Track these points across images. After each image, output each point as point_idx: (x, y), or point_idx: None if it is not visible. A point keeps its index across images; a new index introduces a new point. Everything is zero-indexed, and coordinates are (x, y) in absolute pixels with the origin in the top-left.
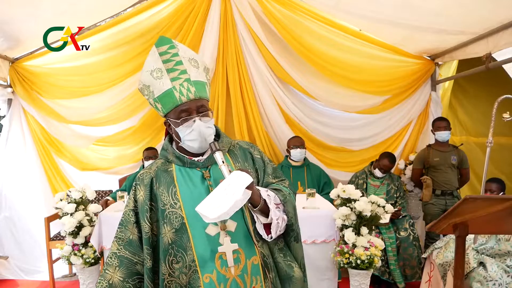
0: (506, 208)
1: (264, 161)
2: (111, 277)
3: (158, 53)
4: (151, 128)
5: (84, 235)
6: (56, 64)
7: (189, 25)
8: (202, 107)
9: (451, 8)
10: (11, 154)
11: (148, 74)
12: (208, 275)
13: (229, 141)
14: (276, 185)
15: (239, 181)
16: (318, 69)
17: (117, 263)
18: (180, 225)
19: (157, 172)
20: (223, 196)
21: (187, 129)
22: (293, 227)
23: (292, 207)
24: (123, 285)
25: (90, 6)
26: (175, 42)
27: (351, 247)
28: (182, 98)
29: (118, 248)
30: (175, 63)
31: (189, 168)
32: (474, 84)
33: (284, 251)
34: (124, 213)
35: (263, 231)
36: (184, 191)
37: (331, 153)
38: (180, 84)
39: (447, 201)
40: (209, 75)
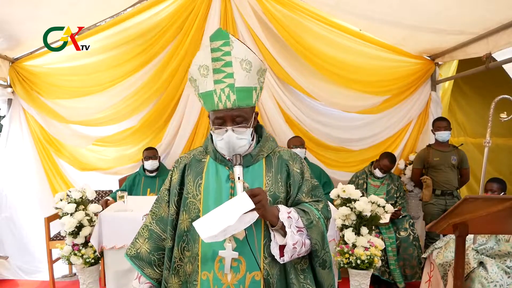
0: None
1: (303, 177)
2: (140, 246)
3: (210, 48)
4: (151, 129)
5: (84, 235)
6: (56, 64)
7: (189, 25)
8: (239, 117)
9: (451, 8)
10: (11, 154)
11: (196, 68)
12: (206, 273)
13: (272, 147)
14: (307, 206)
15: (239, 205)
16: (318, 69)
17: (147, 235)
18: (196, 217)
19: (191, 160)
20: (221, 217)
21: (218, 136)
22: (318, 254)
23: (319, 233)
24: (149, 256)
25: (90, 6)
26: (232, 38)
27: (351, 247)
28: (219, 105)
29: (150, 221)
30: (224, 63)
31: (220, 164)
32: (472, 84)
33: (306, 273)
34: (161, 191)
35: (277, 251)
36: (208, 185)
37: (331, 153)
38: (221, 89)
39: (447, 201)
40: (263, 77)
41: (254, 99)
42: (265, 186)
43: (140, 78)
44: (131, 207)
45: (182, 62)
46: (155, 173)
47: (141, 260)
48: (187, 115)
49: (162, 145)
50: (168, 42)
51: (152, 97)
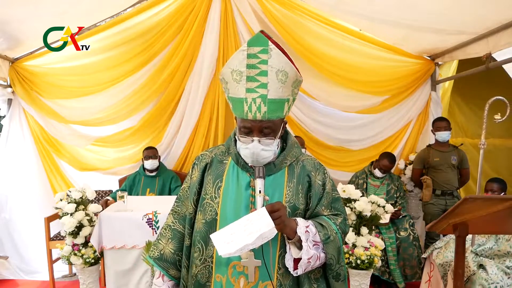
0: (506, 208)
1: (324, 189)
2: (163, 247)
3: (247, 54)
4: (151, 129)
5: (84, 235)
6: (56, 64)
7: (189, 25)
8: (267, 128)
9: (451, 8)
10: (11, 154)
11: (229, 71)
12: (220, 276)
13: (296, 155)
14: (325, 219)
15: (259, 223)
16: (318, 69)
17: (170, 235)
18: (211, 220)
19: (213, 160)
20: (239, 233)
21: (243, 144)
22: (332, 267)
23: (335, 248)
24: (173, 256)
25: (90, 6)
26: (271, 46)
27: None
28: (248, 115)
29: (173, 221)
30: (259, 72)
31: (241, 169)
32: (471, 85)
33: (319, 282)
34: (182, 189)
35: (292, 263)
36: (228, 190)
37: (331, 152)
38: (253, 98)
39: (447, 201)
40: (298, 89)
41: (285, 111)
42: (285, 196)
43: (140, 78)
44: (131, 207)
45: (182, 62)
46: (155, 172)
47: (166, 261)
48: (188, 116)
49: (162, 145)
50: (168, 42)
51: (152, 97)
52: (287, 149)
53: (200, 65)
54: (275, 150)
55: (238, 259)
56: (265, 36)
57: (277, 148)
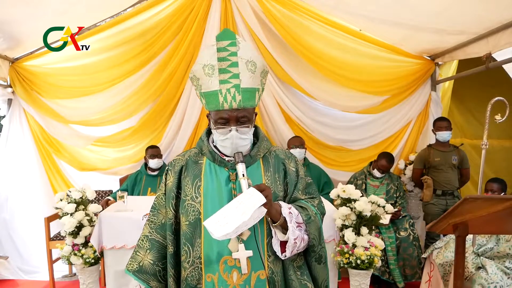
0: (506, 208)
1: (298, 175)
2: (141, 259)
3: (216, 48)
4: (150, 129)
5: (84, 235)
6: (56, 64)
7: (189, 25)
8: (243, 117)
9: (451, 8)
10: (11, 154)
11: (200, 67)
12: (211, 275)
13: (267, 147)
14: (304, 202)
15: (251, 201)
16: (318, 69)
17: (148, 246)
18: (195, 220)
19: (188, 162)
20: (232, 214)
21: (221, 136)
22: (315, 249)
23: (316, 228)
24: (153, 267)
25: (90, 6)
26: (238, 39)
27: (351, 247)
28: (224, 105)
29: (150, 231)
30: (230, 63)
31: (218, 165)
32: (470, 85)
33: (302, 269)
34: (156, 197)
35: (279, 248)
36: (208, 187)
37: (330, 152)
38: (227, 89)
39: (448, 201)
40: (265, 79)
41: (257, 100)
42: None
43: (140, 78)
44: (131, 207)
45: (182, 62)
46: (157, 171)
47: (145, 273)
48: (188, 116)
49: (162, 145)
50: (168, 42)
51: (152, 97)
52: (259, 142)
53: None
54: (251, 139)
55: (229, 253)
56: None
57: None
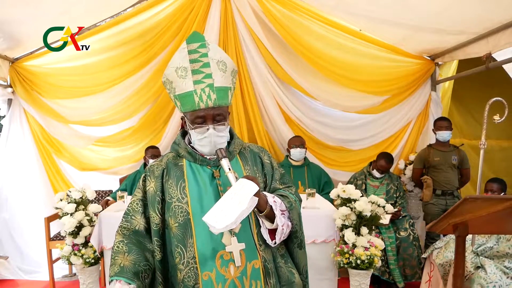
0: (506, 208)
1: (273, 166)
2: (121, 261)
3: (187, 50)
4: (150, 129)
5: (84, 235)
6: (56, 64)
7: (189, 25)
8: (219, 115)
9: (451, 8)
10: (11, 154)
11: (173, 70)
12: (208, 273)
13: (241, 143)
14: (282, 191)
15: (245, 190)
16: (318, 69)
17: (126, 249)
18: (184, 221)
19: (168, 165)
20: (229, 205)
21: (199, 135)
22: (297, 234)
23: (297, 214)
24: (135, 267)
25: (90, 6)
26: (207, 41)
27: (351, 247)
28: (200, 104)
29: (123, 237)
30: (202, 64)
31: (199, 165)
32: (470, 85)
33: (285, 257)
34: (131, 203)
35: (268, 236)
36: (193, 187)
37: (330, 152)
38: (202, 89)
39: (448, 201)
40: (235, 78)
41: (230, 98)
42: None
43: (140, 78)
44: None
45: None
46: None
47: (127, 272)
48: None
49: (161, 145)
50: (168, 42)
51: (152, 97)
52: (234, 139)
53: None
54: (228, 136)
55: (223, 247)
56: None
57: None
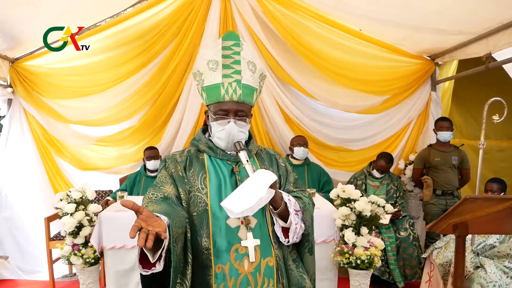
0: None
1: (287, 170)
2: (152, 209)
3: (221, 46)
4: (151, 128)
5: (84, 235)
6: (56, 64)
7: (189, 25)
8: (241, 111)
9: (451, 8)
10: (11, 154)
11: (204, 63)
12: (221, 265)
13: (257, 146)
14: (296, 193)
15: (263, 179)
16: (318, 69)
17: (156, 202)
18: (202, 211)
19: (189, 156)
20: (247, 192)
21: (219, 127)
22: (309, 238)
23: (310, 216)
24: (166, 211)
25: (90, 6)
26: (242, 41)
27: (351, 247)
28: (225, 97)
29: (150, 201)
30: (233, 61)
31: (220, 159)
32: (470, 85)
33: (297, 262)
34: (159, 176)
35: (281, 234)
36: (213, 179)
37: (331, 152)
38: (229, 83)
39: (448, 201)
40: (263, 82)
41: (254, 99)
42: None
43: (140, 79)
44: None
45: (181, 62)
46: (156, 173)
47: (161, 212)
48: (187, 115)
49: (162, 145)
50: (168, 42)
51: (152, 97)
52: (252, 141)
53: None
54: (247, 134)
55: (238, 241)
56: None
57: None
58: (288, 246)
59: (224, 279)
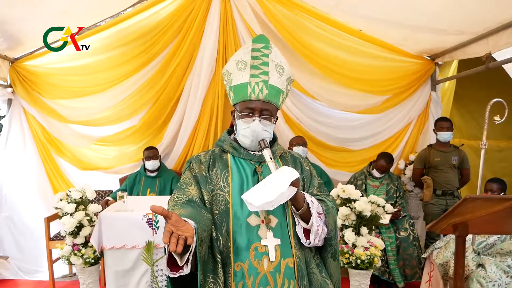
0: (506, 208)
1: (312, 173)
2: (179, 213)
3: (251, 48)
4: (151, 128)
5: (84, 235)
6: (56, 64)
7: (189, 25)
8: (266, 110)
9: (451, 8)
10: (11, 154)
11: (234, 63)
12: (240, 263)
13: (282, 149)
14: (320, 197)
15: (285, 175)
16: (318, 68)
17: (182, 205)
18: (224, 209)
19: (213, 156)
20: (269, 187)
21: (244, 124)
22: (332, 242)
23: (333, 220)
24: (191, 215)
25: (90, 6)
26: (271, 44)
27: (351, 247)
28: (252, 95)
29: (176, 203)
30: (262, 62)
31: (243, 159)
32: (470, 85)
33: (320, 267)
34: (182, 179)
35: (302, 235)
36: (236, 178)
37: (331, 153)
38: (256, 82)
39: (448, 201)
40: (290, 86)
41: (280, 101)
42: None
43: (140, 79)
44: (131, 207)
45: (182, 62)
46: (155, 173)
47: (186, 216)
48: (188, 115)
49: (162, 145)
50: (168, 42)
51: (152, 97)
52: (276, 142)
53: (199, 65)
54: (271, 134)
55: (258, 240)
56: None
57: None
58: (311, 250)
59: (243, 277)
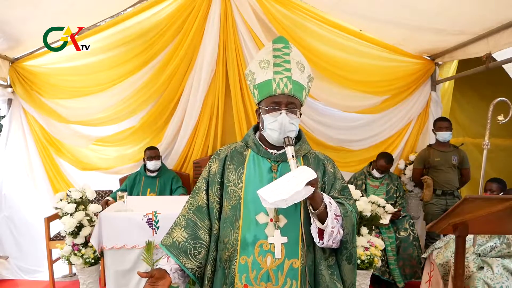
0: (506, 208)
1: (335, 176)
2: (175, 236)
3: (272, 48)
4: (151, 128)
5: (84, 235)
6: (56, 64)
7: (189, 25)
8: (292, 104)
9: (451, 8)
10: (11, 154)
11: (256, 62)
12: (245, 257)
13: (308, 148)
14: (340, 200)
15: (303, 175)
16: (318, 69)
17: (184, 224)
18: (236, 204)
19: (232, 152)
20: (285, 185)
21: (271, 118)
22: (347, 245)
23: (351, 224)
24: (185, 244)
25: (90, 6)
26: (291, 44)
27: None
28: (277, 90)
29: (187, 211)
30: (283, 60)
31: (261, 157)
32: (472, 85)
33: (332, 269)
34: (198, 181)
35: (316, 234)
36: (250, 175)
37: (331, 153)
38: (280, 78)
39: (448, 201)
40: (311, 83)
41: (303, 96)
42: None
43: (140, 78)
44: (131, 207)
45: (182, 62)
46: (155, 173)
47: (177, 248)
48: (188, 116)
49: (162, 145)
50: (168, 42)
51: (152, 97)
52: (301, 141)
53: (200, 65)
54: (297, 128)
55: (265, 237)
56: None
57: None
58: (324, 252)
59: (246, 270)
